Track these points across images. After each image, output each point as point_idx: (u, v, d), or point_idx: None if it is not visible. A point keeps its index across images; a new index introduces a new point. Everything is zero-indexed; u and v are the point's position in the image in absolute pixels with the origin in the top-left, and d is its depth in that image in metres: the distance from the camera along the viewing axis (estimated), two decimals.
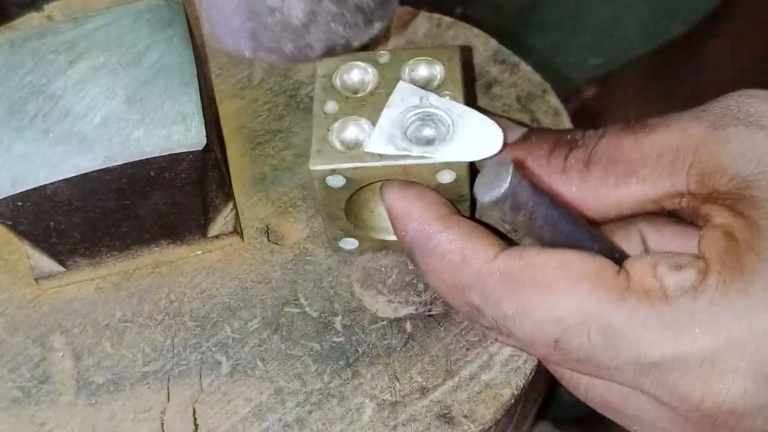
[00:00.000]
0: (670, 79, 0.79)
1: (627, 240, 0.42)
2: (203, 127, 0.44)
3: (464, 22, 0.59)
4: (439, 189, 0.43)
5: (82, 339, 0.48)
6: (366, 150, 0.42)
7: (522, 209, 0.36)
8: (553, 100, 0.55)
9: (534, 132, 0.43)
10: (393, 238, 0.46)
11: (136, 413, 0.45)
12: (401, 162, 0.42)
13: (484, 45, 0.58)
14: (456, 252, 0.39)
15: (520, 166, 0.40)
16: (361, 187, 0.44)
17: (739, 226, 0.35)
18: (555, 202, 0.38)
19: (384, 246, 0.49)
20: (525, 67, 0.57)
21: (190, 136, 0.44)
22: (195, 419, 0.45)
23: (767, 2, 0.78)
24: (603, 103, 0.81)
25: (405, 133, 0.42)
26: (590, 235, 0.39)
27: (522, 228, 0.37)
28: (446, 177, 0.42)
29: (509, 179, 0.34)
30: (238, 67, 0.58)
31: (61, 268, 0.49)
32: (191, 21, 0.49)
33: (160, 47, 0.48)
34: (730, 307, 0.34)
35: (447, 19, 0.59)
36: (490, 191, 0.35)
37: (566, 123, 0.54)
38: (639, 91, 0.81)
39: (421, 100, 0.43)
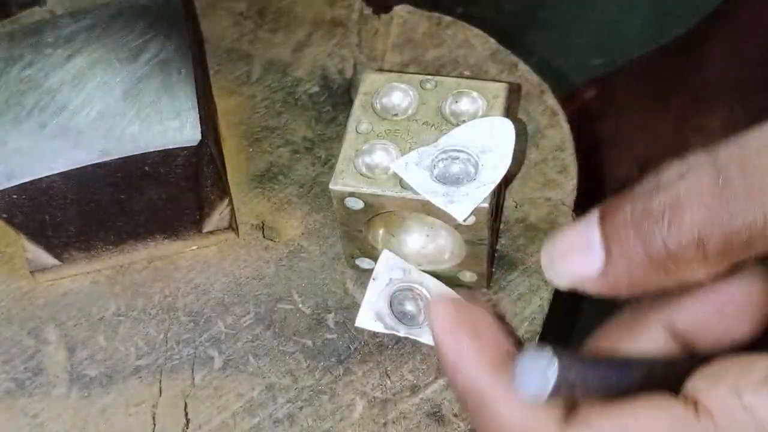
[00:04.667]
0: (670, 79, 0.78)
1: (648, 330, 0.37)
2: (198, 123, 0.45)
3: (464, 21, 0.59)
4: (458, 230, 0.43)
5: (76, 332, 0.48)
6: (356, 325, 0.45)
7: (575, 390, 0.32)
8: (551, 100, 0.55)
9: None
10: (412, 263, 0.46)
11: (128, 406, 0.46)
12: (421, 198, 0.41)
13: (483, 44, 0.58)
14: (516, 427, 0.34)
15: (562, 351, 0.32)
16: (383, 212, 0.44)
17: None
18: (601, 359, 0.34)
19: None
20: (523, 67, 0.57)
21: (185, 132, 0.44)
22: (186, 413, 0.45)
23: (767, 3, 0.77)
24: (603, 103, 0.80)
25: (391, 309, 0.45)
26: (643, 368, 0.35)
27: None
28: (468, 219, 0.42)
29: (555, 377, 0.30)
30: (236, 64, 0.58)
31: (57, 262, 0.49)
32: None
33: (158, 43, 0.48)
34: None
35: (447, 18, 0.59)
36: (532, 386, 0.31)
37: (563, 123, 0.54)
38: (639, 91, 0.80)
39: (404, 273, 0.45)
